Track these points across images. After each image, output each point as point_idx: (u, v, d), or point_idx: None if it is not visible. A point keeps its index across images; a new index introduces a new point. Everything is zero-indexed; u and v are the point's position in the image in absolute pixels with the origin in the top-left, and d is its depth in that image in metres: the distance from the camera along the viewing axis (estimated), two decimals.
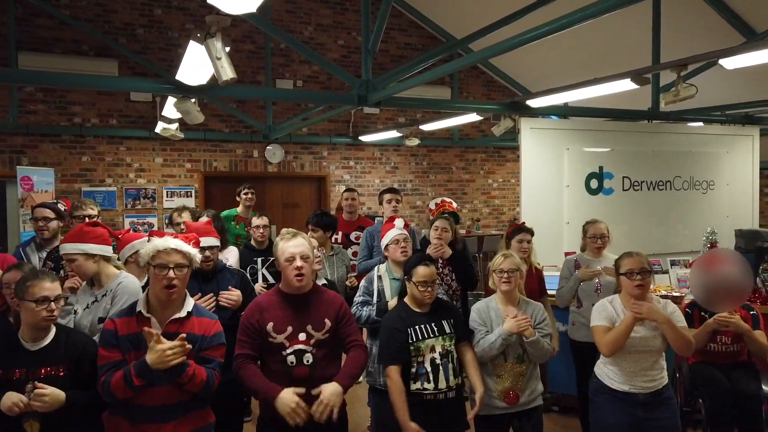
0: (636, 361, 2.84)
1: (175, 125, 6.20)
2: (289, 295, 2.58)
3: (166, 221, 7.49)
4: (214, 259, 3.16)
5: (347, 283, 4.27)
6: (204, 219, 3.93)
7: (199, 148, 7.89)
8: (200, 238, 3.08)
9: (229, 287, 3.12)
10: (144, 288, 2.74)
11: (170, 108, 5.19)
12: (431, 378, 2.77)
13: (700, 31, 6.43)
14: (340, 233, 5.17)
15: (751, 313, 3.41)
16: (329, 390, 2.41)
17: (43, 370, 2.30)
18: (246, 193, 5.60)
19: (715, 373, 3.39)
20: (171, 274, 2.29)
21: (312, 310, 2.56)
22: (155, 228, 7.43)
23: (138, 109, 7.58)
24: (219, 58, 3.18)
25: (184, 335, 2.24)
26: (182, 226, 4.16)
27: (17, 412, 2.18)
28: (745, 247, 5.20)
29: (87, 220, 3.62)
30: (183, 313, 2.37)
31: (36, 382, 2.24)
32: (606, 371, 2.93)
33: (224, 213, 5.31)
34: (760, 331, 3.33)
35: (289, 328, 2.50)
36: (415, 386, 2.79)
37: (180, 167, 7.80)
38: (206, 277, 3.11)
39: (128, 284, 2.79)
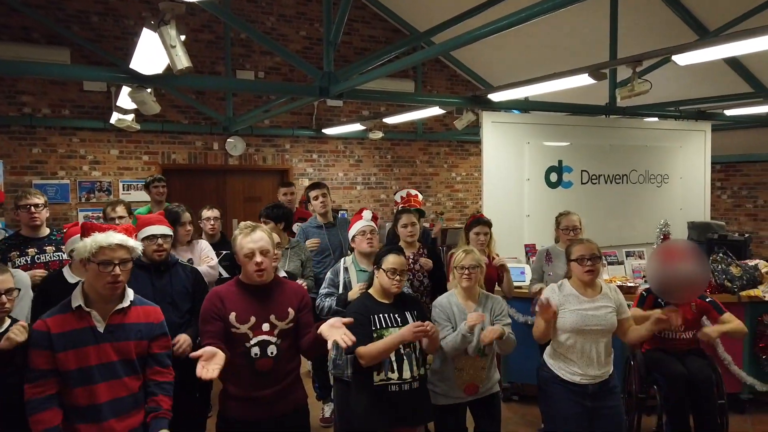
0: (590, 343, 2.87)
1: (131, 116, 6.01)
2: (250, 285, 2.53)
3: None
4: (167, 249, 3.07)
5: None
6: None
7: (157, 140, 7.68)
8: (154, 226, 3.02)
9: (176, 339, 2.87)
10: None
11: (125, 98, 5.02)
12: (395, 368, 2.77)
13: (655, 28, 6.59)
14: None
15: (707, 300, 3.51)
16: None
17: None
18: (156, 186, 5.35)
19: (670, 359, 3.49)
20: (117, 270, 2.22)
21: (275, 300, 2.53)
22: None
23: (92, 99, 7.33)
24: (173, 47, 3.08)
25: None
26: (117, 222, 4.02)
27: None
28: (697, 239, 5.40)
29: (33, 209, 3.47)
30: (126, 303, 2.31)
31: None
32: (557, 361, 2.96)
33: (138, 210, 5.05)
34: (728, 314, 3.42)
35: (253, 318, 2.46)
36: (380, 377, 2.78)
37: (137, 159, 7.58)
38: (159, 270, 3.03)
39: (19, 280, 2.69)
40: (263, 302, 2.51)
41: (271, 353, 2.46)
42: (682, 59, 4.15)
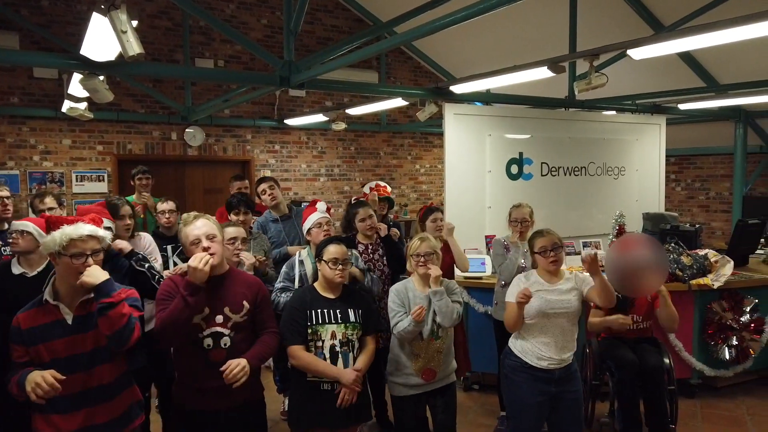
0: (555, 326, 2.93)
1: (84, 104, 5.80)
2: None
3: (75, 207, 7.09)
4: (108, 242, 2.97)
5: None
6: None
7: (112, 130, 7.45)
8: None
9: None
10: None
11: (76, 85, 4.83)
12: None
13: (613, 23, 6.71)
14: None
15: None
16: (235, 362, 2.37)
17: None
18: (140, 178, 5.27)
19: (623, 347, 3.59)
20: (90, 261, 2.18)
21: (229, 292, 2.49)
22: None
23: (43, 87, 7.05)
24: (124, 32, 2.97)
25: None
26: (46, 212, 3.89)
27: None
28: (651, 229, 5.55)
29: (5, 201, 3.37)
30: (92, 293, 2.23)
31: None
32: (525, 346, 2.99)
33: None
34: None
35: (206, 309, 2.42)
36: (312, 375, 2.74)
37: (91, 149, 7.34)
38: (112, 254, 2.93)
39: None
40: (217, 293, 2.47)
41: (225, 344, 2.43)
42: (637, 53, 4.23)
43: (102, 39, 3.52)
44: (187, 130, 7.83)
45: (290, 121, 8.24)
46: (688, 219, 8.86)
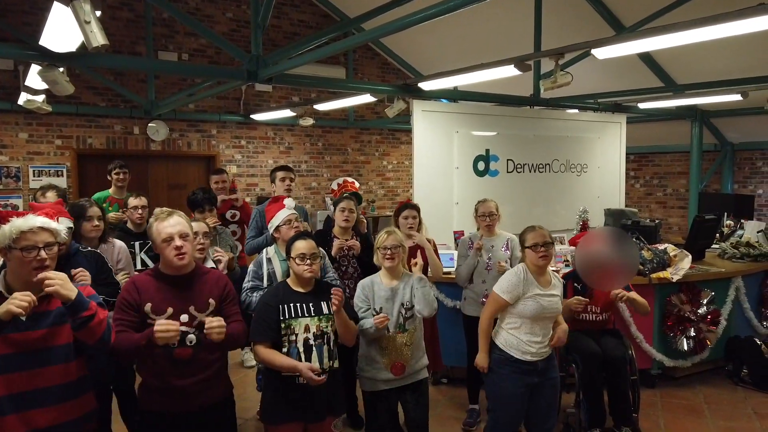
0: (542, 326, 3.06)
1: (42, 97, 5.61)
2: (168, 276, 2.44)
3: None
4: (67, 242, 2.84)
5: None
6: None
7: (71, 123, 7.22)
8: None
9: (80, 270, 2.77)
10: None
11: (35, 77, 4.67)
12: (303, 359, 2.68)
13: (576, 23, 6.86)
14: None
15: None
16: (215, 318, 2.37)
17: None
18: (117, 173, 5.11)
19: (587, 340, 3.68)
20: (42, 254, 2.08)
21: (195, 291, 2.45)
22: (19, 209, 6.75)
23: None
24: (88, 22, 2.89)
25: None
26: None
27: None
28: (612, 224, 5.70)
29: None
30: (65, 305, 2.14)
31: None
32: (512, 341, 3.05)
33: (95, 195, 4.89)
34: (634, 292, 3.66)
35: (170, 310, 2.37)
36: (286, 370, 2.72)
37: (48, 144, 7.10)
38: (57, 262, 2.83)
39: None
40: (182, 293, 2.42)
41: (190, 342, 2.39)
42: (600, 53, 4.34)
43: (63, 29, 3.40)
44: (150, 124, 7.66)
45: (257, 117, 8.15)
46: (647, 215, 9.15)
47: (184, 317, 2.39)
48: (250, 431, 3.96)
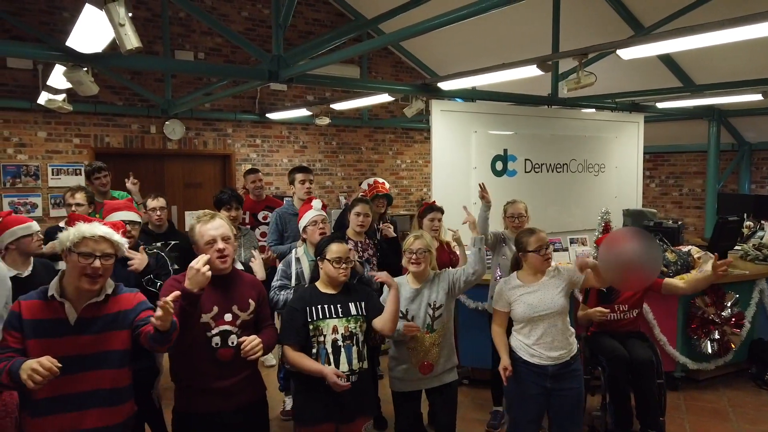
0: (544, 327, 2.96)
1: (62, 96, 5.64)
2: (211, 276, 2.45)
3: (52, 201, 6.90)
4: (135, 236, 2.99)
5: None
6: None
7: (89, 122, 7.25)
8: (120, 212, 2.92)
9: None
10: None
11: (58, 77, 4.70)
12: (332, 360, 2.69)
13: (594, 23, 6.82)
14: (247, 214, 5.02)
15: None
16: (251, 337, 2.41)
17: None
18: (98, 177, 4.78)
19: (612, 342, 3.67)
20: (97, 263, 2.11)
21: (236, 291, 2.50)
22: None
23: (16, 77, 6.81)
24: (122, 25, 2.90)
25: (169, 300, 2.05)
26: (74, 208, 3.83)
27: None
28: (632, 225, 5.67)
29: None
30: (101, 297, 2.18)
31: None
32: (518, 344, 3.06)
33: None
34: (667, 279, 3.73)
35: (215, 308, 2.41)
36: None
37: (67, 142, 7.13)
38: (125, 258, 2.88)
39: None
40: (225, 292, 2.47)
41: (232, 343, 2.42)
42: (625, 53, 4.31)
43: (91, 31, 3.42)
44: (166, 123, 7.68)
45: (272, 115, 8.15)
46: (662, 215, 9.09)
47: (228, 316, 2.44)
48: (274, 431, 3.98)
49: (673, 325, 4.45)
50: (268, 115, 8.18)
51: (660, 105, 7.05)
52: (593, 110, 7.11)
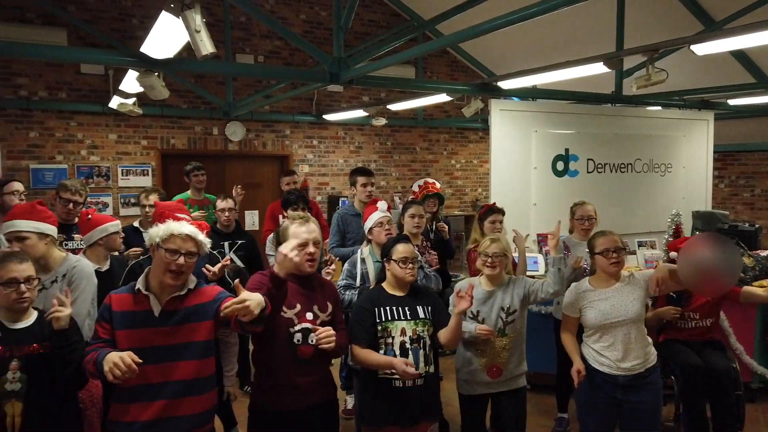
0: (616, 335, 2.86)
1: (133, 100, 5.89)
2: (293, 275, 2.51)
3: (121, 201, 7.21)
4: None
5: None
6: None
7: (156, 125, 7.54)
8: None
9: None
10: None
11: (130, 82, 4.91)
12: None
13: (662, 18, 6.57)
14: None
15: None
16: (325, 328, 2.48)
17: (24, 349, 2.24)
18: (196, 174, 5.19)
19: (687, 351, 3.52)
20: (181, 260, 2.21)
21: (317, 292, 2.58)
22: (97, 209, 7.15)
23: (89, 82, 7.15)
24: (198, 31, 3.01)
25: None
26: (147, 209, 4.01)
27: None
28: (702, 228, 5.42)
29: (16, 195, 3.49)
30: (183, 291, 2.28)
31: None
32: (588, 351, 2.99)
33: (176, 197, 5.07)
34: (746, 287, 3.58)
35: (298, 306, 2.49)
36: (383, 372, 2.73)
37: (135, 144, 7.44)
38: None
39: (84, 267, 2.77)
40: (307, 292, 2.55)
41: (311, 341, 2.48)
42: (700, 49, 4.14)
43: (166, 37, 3.55)
44: (227, 125, 7.89)
45: (329, 117, 8.25)
46: (732, 217, 8.66)
47: (309, 315, 2.51)
48: None
49: (750, 333, 4.24)
50: (324, 116, 8.28)
51: (732, 102, 6.72)
52: (659, 108, 6.85)
